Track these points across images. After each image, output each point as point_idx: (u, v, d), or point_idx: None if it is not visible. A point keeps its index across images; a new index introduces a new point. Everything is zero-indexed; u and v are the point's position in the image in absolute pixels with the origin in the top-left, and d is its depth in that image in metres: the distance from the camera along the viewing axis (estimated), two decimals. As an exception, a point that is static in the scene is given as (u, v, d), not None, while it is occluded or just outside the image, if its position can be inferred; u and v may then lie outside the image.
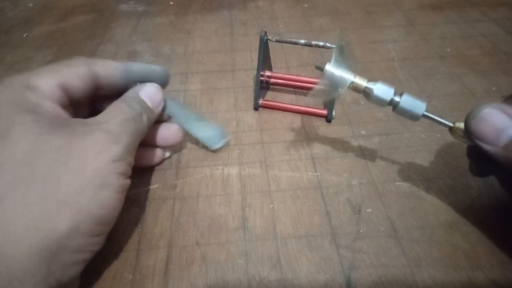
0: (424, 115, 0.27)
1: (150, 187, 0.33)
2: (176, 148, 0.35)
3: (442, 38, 0.50)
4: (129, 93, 0.29)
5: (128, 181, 0.26)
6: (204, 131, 0.31)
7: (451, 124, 0.27)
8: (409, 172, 0.33)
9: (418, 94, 0.41)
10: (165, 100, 0.31)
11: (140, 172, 0.34)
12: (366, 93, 0.28)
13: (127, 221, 0.30)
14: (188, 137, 0.37)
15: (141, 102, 0.29)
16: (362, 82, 0.28)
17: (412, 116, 0.27)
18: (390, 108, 0.39)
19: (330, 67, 0.28)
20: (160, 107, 0.31)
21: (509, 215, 0.29)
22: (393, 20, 0.54)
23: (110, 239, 0.29)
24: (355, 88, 0.28)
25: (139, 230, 0.30)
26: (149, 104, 0.29)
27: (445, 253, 0.27)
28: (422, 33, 0.51)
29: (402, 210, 0.30)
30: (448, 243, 0.28)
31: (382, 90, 0.27)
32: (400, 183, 0.32)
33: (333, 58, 0.28)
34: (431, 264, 0.27)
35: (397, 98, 0.27)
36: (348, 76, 0.28)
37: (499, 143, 0.23)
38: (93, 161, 0.23)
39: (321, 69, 0.28)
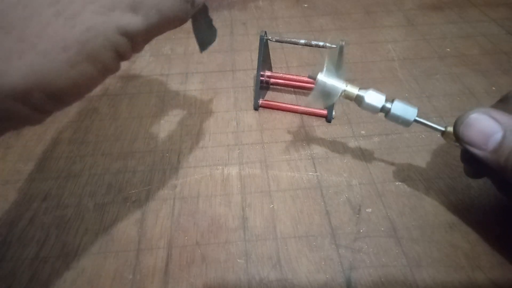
0: (415, 121, 0.28)
1: (150, 187, 0.33)
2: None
3: (442, 38, 0.50)
4: None
5: (118, 65, 0.20)
6: (203, 33, 0.30)
7: (443, 129, 0.27)
8: (409, 172, 0.33)
9: (418, 94, 0.41)
10: None
11: (140, 172, 0.34)
12: (358, 100, 0.28)
13: (127, 221, 0.30)
14: (188, 136, 0.37)
15: None
16: (353, 90, 0.28)
17: (404, 122, 0.28)
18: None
19: (322, 76, 0.28)
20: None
21: (509, 215, 0.29)
22: (393, 20, 0.54)
23: (110, 239, 0.29)
24: (347, 96, 0.29)
25: (139, 230, 0.30)
26: None
27: (445, 253, 0.27)
28: (422, 33, 0.51)
29: (402, 210, 0.30)
30: (448, 243, 0.28)
31: (373, 97, 0.28)
32: (400, 183, 0.32)
33: (325, 67, 0.28)
34: (431, 264, 0.27)
35: (388, 105, 0.28)
36: (340, 85, 0.28)
37: (487, 147, 0.24)
38: (85, 11, 0.17)
39: (313, 78, 0.28)
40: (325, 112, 0.39)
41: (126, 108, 0.41)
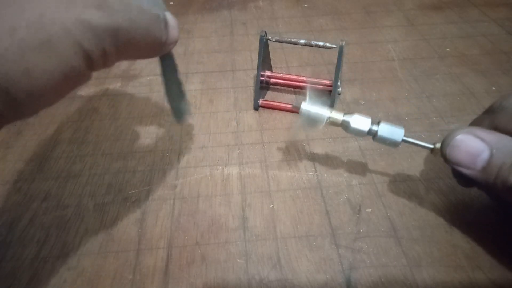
0: (404, 141, 0.28)
1: (150, 187, 0.33)
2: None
3: (442, 38, 0.50)
4: None
5: (87, 70, 0.18)
6: (177, 101, 0.30)
7: (431, 146, 0.28)
8: (409, 172, 0.33)
9: (418, 94, 0.41)
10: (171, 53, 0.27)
11: (140, 172, 0.34)
12: (344, 126, 0.29)
13: (127, 221, 0.30)
14: (188, 136, 0.37)
15: (165, 17, 0.22)
16: (338, 116, 0.29)
17: (392, 143, 0.28)
18: (390, 108, 0.40)
19: (305, 105, 0.29)
20: (172, 46, 0.24)
21: (509, 215, 0.29)
22: (393, 20, 0.54)
23: (110, 239, 0.29)
24: (332, 122, 0.29)
25: (139, 230, 0.30)
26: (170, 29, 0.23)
27: (445, 253, 0.27)
28: (422, 33, 0.51)
29: (402, 210, 0.30)
30: (448, 243, 0.28)
31: (359, 121, 0.28)
32: (400, 183, 0.32)
33: (308, 96, 0.29)
34: (431, 264, 0.27)
35: (374, 127, 0.28)
36: (324, 112, 0.28)
37: (476, 167, 0.24)
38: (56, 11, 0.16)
39: (297, 108, 0.29)
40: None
41: (126, 108, 0.41)
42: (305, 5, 0.59)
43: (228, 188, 0.33)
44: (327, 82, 0.42)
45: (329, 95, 0.39)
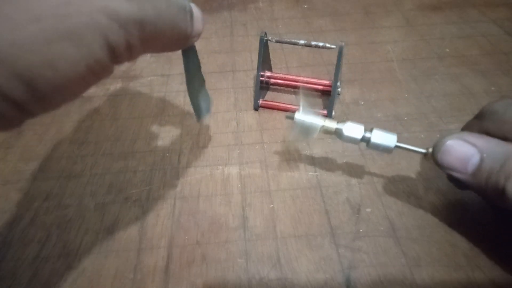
0: (397, 146, 0.28)
1: (150, 186, 0.33)
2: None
3: (442, 39, 0.50)
4: None
5: (111, 63, 0.18)
6: (199, 98, 0.30)
7: (424, 151, 0.28)
8: (408, 172, 0.33)
9: (417, 94, 0.41)
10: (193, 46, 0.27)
11: (141, 172, 0.34)
12: (338, 133, 0.29)
13: (128, 220, 0.30)
14: (188, 136, 0.38)
15: (191, 9, 0.22)
16: (332, 124, 0.29)
17: (385, 149, 0.28)
18: (389, 108, 0.40)
19: (299, 115, 0.29)
20: (196, 38, 0.23)
21: (508, 215, 0.29)
22: (393, 21, 0.54)
23: (110, 238, 0.29)
24: (326, 130, 0.29)
25: (140, 229, 0.30)
26: (195, 22, 0.22)
27: (445, 252, 0.28)
28: (422, 33, 0.51)
29: (402, 209, 0.30)
30: (448, 242, 0.28)
31: (352, 129, 0.28)
32: (399, 182, 0.32)
33: (301, 106, 0.29)
34: (431, 263, 0.27)
35: (368, 134, 0.28)
36: (318, 121, 0.29)
37: (467, 171, 0.25)
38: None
39: (291, 118, 0.29)
40: (324, 112, 0.39)
41: (127, 109, 0.41)
42: (305, 6, 0.59)
43: (228, 188, 0.33)
44: (326, 82, 0.42)
45: (329, 96, 0.39)
